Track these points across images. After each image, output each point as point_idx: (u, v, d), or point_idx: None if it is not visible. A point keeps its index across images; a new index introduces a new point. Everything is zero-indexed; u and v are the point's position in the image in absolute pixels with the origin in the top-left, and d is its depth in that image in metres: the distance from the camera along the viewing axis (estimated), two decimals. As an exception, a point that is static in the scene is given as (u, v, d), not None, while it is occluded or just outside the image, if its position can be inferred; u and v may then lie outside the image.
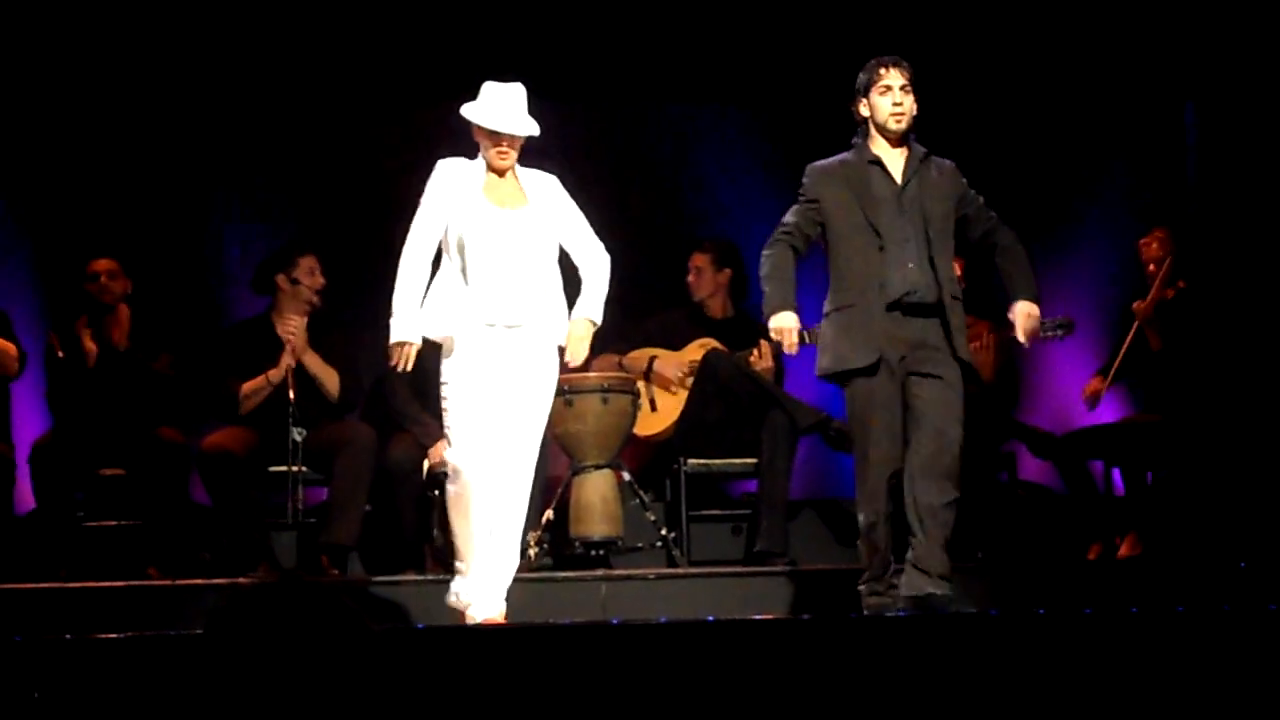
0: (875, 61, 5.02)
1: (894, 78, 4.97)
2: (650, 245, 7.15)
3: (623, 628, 4.41)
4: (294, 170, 7.40)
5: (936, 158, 5.07)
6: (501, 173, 4.97)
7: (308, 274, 6.44)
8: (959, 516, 4.91)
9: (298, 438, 6.08)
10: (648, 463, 6.62)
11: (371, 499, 6.23)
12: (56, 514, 6.23)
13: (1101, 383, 6.71)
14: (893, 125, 4.98)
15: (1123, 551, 6.41)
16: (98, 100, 7.25)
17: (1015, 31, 7.25)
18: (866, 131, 5.04)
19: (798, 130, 6.92)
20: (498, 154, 4.92)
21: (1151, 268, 6.70)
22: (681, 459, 6.49)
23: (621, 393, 6.23)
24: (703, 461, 6.53)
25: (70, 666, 3.92)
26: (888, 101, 4.97)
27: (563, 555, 6.19)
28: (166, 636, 4.30)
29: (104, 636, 4.22)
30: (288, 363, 6.28)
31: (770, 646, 4.06)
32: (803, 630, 4.41)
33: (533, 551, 5.84)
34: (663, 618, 5.09)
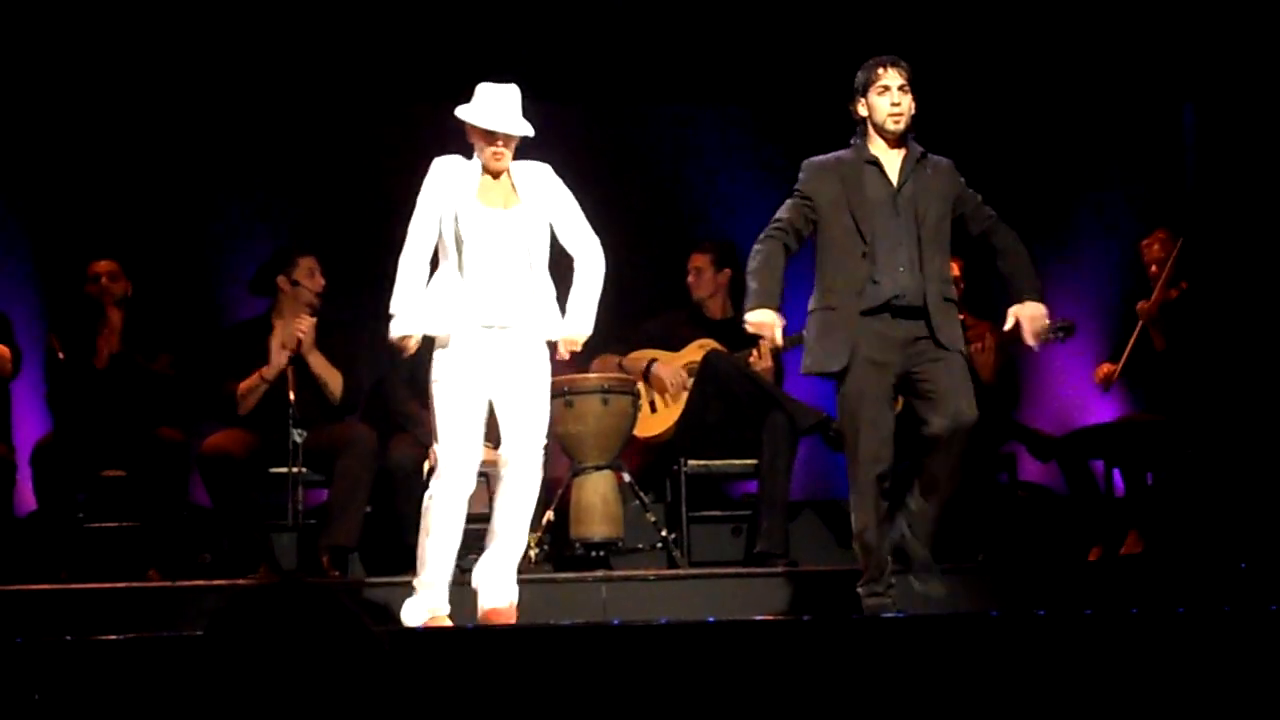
0: (873, 61, 4.99)
1: (892, 78, 4.94)
2: (650, 245, 7.15)
3: (623, 629, 4.41)
4: (293, 171, 7.40)
5: (934, 156, 5.03)
6: (496, 174, 4.96)
7: (308, 275, 6.44)
8: (958, 517, 4.91)
9: (298, 439, 6.08)
10: (648, 464, 6.63)
11: (372, 500, 6.23)
12: (57, 515, 6.23)
13: (1113, 367, 6.67)
14: (890, 126, 4.95)
15: (1124, 549, 6.41)
16: (97, 101, 7.26)
17: (1015, 32, 7.25)
18: (864, 131, 5.01)
19: (797, 130, 6.91)
20: (493, 155, 4.92)
21: (1154, 269, 6.69)
22: (681, 460, 6.49)
23: (621, 394, 6.23)
24: (703, 462, 6.53)
25: (71, 668, 3.92)
26: (886, 102, 4.94)
27: (563, 556, 6.19)
28: (167, 638, 4.30)
29: (104, 638, 4.21)
30: (280, 362, 6.28)
31: (770, 647, 4.07)
32: (803, 631, 4.41)
33: (533, 553, 5.84)
34: (663, 619, 5.08)
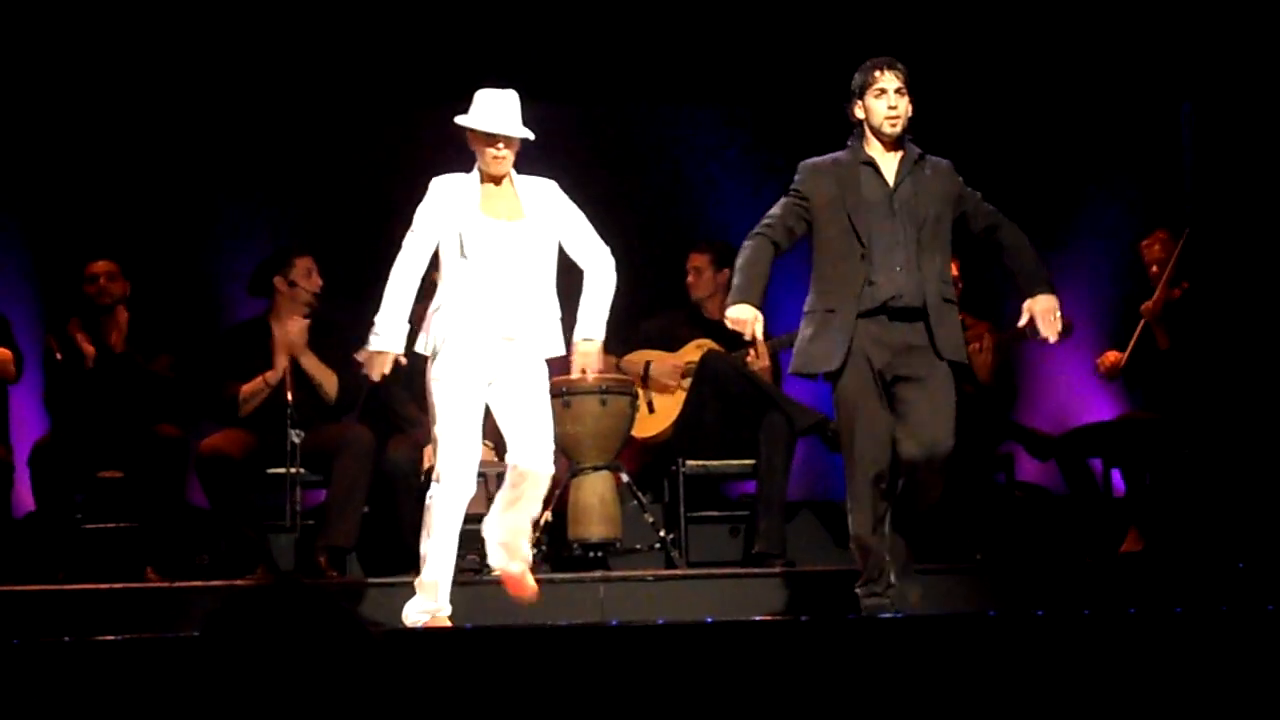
0: (870, 64, 4.96)
1: (889, 81, 4.92)
2: (649, 245, 7.15)
3: (621, 629, 4.41)
4: (291, 172, 7.39)
5: (932, 157, 5.00)
6: (498, 180, 4.94)
7: (305, 275, 6.43)
8: (957, 517, 4.92)
9: (296, 440, 6.07)
10: (646, 464, 6.62)
11: (370, 501, 6.23)
12: (55, 516, 6.23)
13: (1120, 355, 6.62)
14: (887, 129, 4.93)
15: (1124, 547, 6.41)
16: (96, 102, 7.26)
17: (1013, 33, 7.25)
18: (861, 133, 4.99)
19: (797, 131, 6.89)
20: (494, 158, 4.89)
21: (1154, 269, 6.68)
22: (680, 460, 6.48)
23: (619, 394, 6.23)
24: (701, 463, 6.53)
25: (68, 668, 3.92)
26: (882, 105, 4.92)
27: (561, 557, 6.19)
28: (164, 639, 4.30)
29: (102, 639, 4.21)
30: (284, 364, 6.28)
31: (768, 648, 4.06)
32: (801, 631, 4.41)
33: (531, 553, 5.83)
34: (661, 619, 5.09)
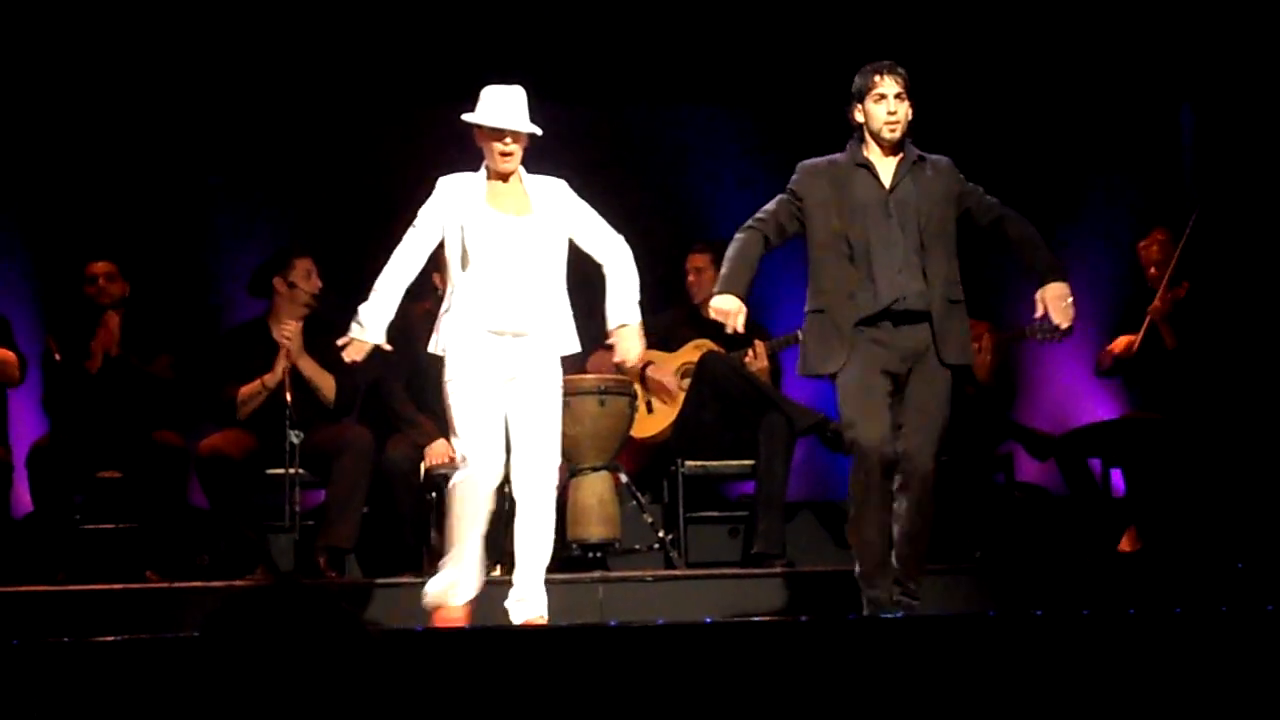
0: (870, 68, 4.93)
1: (888, 85, 4.89)
2: (650, 245, 7.13)
3: (620, 630, 4.40)
4: (291, 172, 7.39)
5: (932, 156, 4.98)
6: (505, 177, 4.93)
7: (304, 277, 6.43)
8: (956, 518, 4.90)
9: (295, 440, 6.07)
10: (645, 465, 6.62)
11: (369, 501, 6.23)
12: (54, 517, 6.23)
13: (1133, 337, 6.57)
14: (887, 134, 4.90)
15: (1123, 546, 6.41)
16: (95, 102, 7.26)
17: (1013, 33, 7.25)
18: (861, 136, 4.97)
19: (798, 131, 6.87)
20: (501, 154, 4.88)
21: (1152, 270, 6.68)
22: (679, 461, 6.49)
23: (618, 394, 6.23)
24: (700, 463, 6.53)
25: (68, 669, 3.92)
26: (882, 110, 4.90)
27: (560, 557, 6.17)
28: (164, 639, 4.29)
29: (102, 640, 4.21)
30: (283, 366, 6.28)
31: (768, 648, 4.06)
32: (801, 632, 4.40)
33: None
34: (660, 620, 5.08)
